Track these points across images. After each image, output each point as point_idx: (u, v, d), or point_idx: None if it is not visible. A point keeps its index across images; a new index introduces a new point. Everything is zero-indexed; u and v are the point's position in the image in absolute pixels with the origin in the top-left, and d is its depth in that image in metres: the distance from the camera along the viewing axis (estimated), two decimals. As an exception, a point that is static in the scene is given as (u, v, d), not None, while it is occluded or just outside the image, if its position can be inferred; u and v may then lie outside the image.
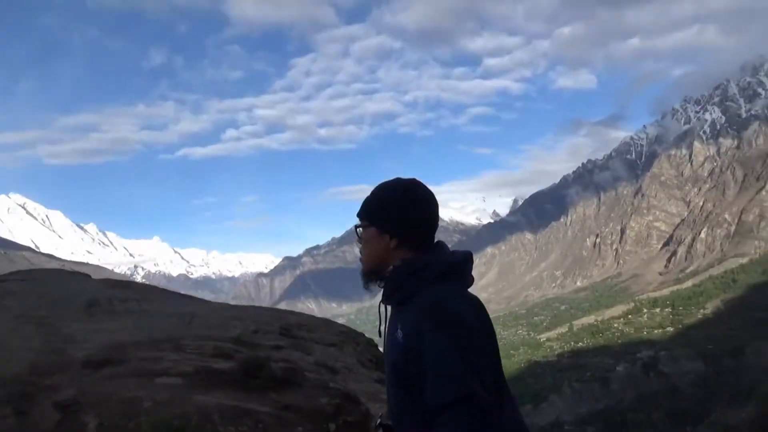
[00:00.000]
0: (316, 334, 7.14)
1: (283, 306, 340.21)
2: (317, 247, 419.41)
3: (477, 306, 1.66)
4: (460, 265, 1.74)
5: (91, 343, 4.78)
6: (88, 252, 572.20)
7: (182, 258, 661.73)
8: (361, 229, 1.82)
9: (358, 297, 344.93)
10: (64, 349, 4.54)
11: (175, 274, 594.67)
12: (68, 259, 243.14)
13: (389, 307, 1.79)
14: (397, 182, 1.81)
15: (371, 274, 1.80)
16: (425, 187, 1.80)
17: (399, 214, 1.74)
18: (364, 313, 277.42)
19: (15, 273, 9.03)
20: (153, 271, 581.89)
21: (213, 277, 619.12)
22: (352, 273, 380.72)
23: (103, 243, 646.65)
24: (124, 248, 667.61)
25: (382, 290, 1.79)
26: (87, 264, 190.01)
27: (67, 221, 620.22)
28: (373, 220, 1.78)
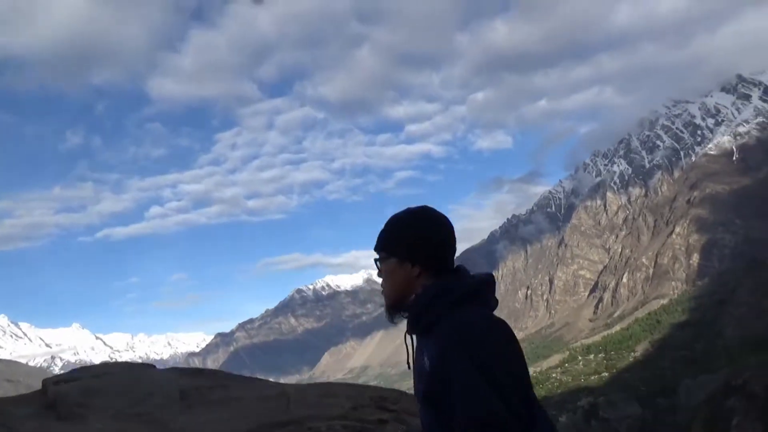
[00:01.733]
0: (400, 404, 6.95)
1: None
2: (251, 321, 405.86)
3: (502, 328, 1.64)
4: (481, 288, 1.73)
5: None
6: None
7: (105, 344, 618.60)
8: (380, 263, 1.80)
9: (296, 369, 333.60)
10: None
11: (97, 361, 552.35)
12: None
13: (415, 338, 1.77)
14: (410, 210, 1.81)
15: (396, 305, 1.79)
16: (438, 211, 1.80)
17: (417, 240, 1.73)
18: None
19: (81, 370, 8.22)
20: (72, 360, 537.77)
21: (139, 361, 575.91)
22: (287, 344, 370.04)
23: (16, 335, 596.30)
24: (40, 338, 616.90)
25: (407, 321, 1.77)
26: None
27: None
28: (393, 250, 1.76)
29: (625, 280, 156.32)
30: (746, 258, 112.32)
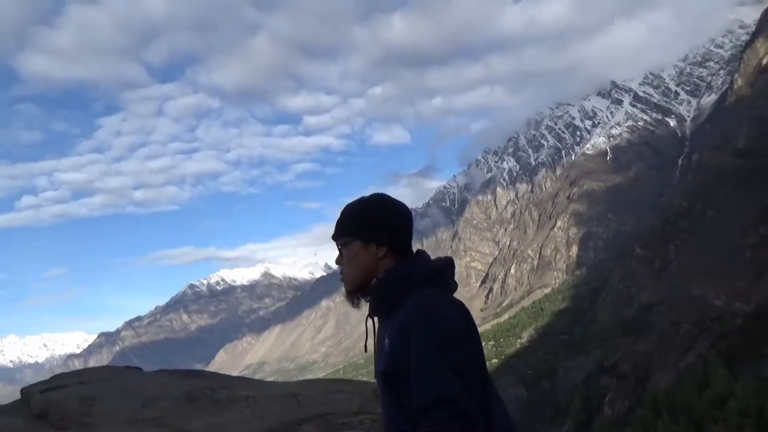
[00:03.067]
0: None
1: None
2: (139, 319, 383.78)
3: (461, 309, 1.67)
4: (441, 271, 1.77)
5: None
6: None
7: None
8: (342, 248, 1.79)
9: (188, 367, 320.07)
10: None
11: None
12: None
13: (377, 321, 1.79)
14: (366, 197, 1.84)
15: (359, 289, 1.78)
16: (393, 197, 1.84)
17: (381, 222, 1.75)
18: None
19: (60, 377, 7.44)
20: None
21: (10, 366, 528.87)
22: (179, 342, 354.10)
23: None
24: None
25: (369, 304, 1.78)
26: None
27: None
28: (356, 233, 1.76)
29: (513, 271, 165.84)
30: (617, 249, 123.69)
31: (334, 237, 1.83)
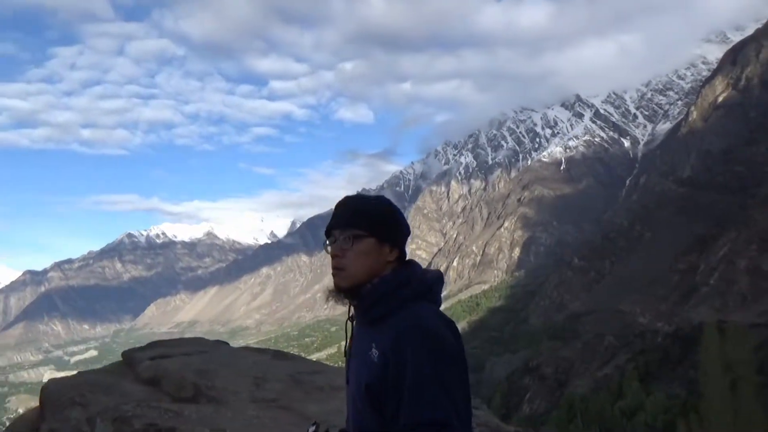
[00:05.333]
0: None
1: (21, 327, 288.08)
2: (69, 261, 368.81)
3: (454, 329, 1.63)
4: (436, 285, 1.70)
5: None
6: None
7: None
8: (353, 240, 1.66)
9: (115, 317, 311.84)
10: None
11: None
12: None
13: (355, 325, 1.75)
14: (374, 196, 1.77)
15: (356, 288, 1.67)
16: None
17: (397, 224, 1.70)
18: (123, 335, 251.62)
19: (155, 345, 7.52)
20: None
21: None
22: (110, 291, 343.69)
23: None
24: None
25: (355, 307, 1.71)
26: None
27: None
28: (374, 230, 1.66)
29: (455, 264, 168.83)
30: (557, 257, 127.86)
31: (340, 226, 1.70)
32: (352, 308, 1.72)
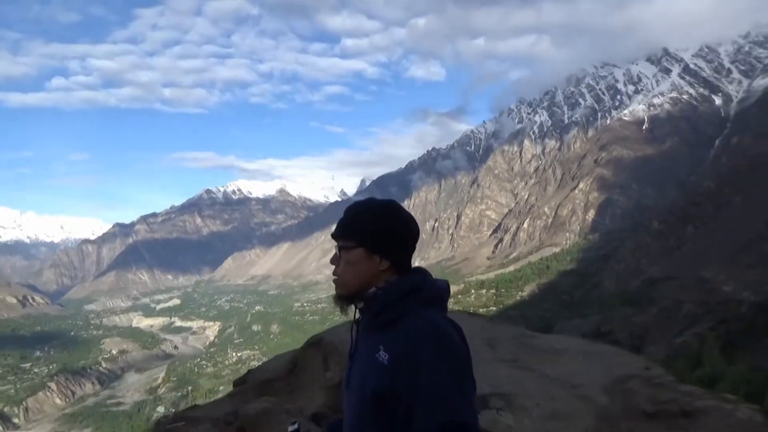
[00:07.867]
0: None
1: (112, 276, 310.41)
2: (154, 215, 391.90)
3: (462, 335, 1.63)
4: (445, 293, 1.71)
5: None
6: None
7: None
8: (342, 251, 1.72)
9: (195, 269, 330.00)
10: (588, 396, 4.69)
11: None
12: None
13: (360, 330, 1.76)
14: (377, 202, 1.77)
15: (353, 296, 1.71)
16: (405, 209, 1.78)
17: (388, 234, 1.68)
18: (202, 286, 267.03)
19: None
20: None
21: (27, 241, 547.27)
22: (190, 244, 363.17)
23: None
24: None
25: (362, 312, 1.72)
26: None
27: None
28: (362, 240, 1.68)
29: (525, 225, 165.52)
30: (633, 221, 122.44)
31: (335, 236, 1.75)
32: (357, 312, 1.75)
